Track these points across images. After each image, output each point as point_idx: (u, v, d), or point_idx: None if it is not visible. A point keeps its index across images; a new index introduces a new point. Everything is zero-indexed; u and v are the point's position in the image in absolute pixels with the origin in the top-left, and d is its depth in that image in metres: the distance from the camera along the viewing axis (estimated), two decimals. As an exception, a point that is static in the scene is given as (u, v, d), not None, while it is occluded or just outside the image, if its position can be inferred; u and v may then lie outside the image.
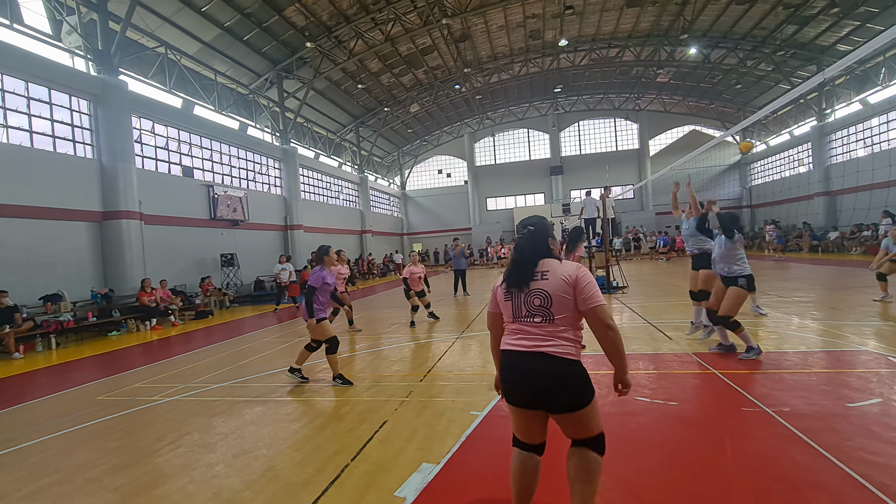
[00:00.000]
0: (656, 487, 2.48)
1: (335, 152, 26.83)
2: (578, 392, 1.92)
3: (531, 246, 2.09)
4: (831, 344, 5.16)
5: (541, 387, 1.92)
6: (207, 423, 4.00)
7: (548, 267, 2.02)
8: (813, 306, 7.62)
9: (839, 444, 2.77)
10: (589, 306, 1.93)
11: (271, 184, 19.85)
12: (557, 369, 1.90)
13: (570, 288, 1.94)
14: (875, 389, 3.63)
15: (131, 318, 10.75)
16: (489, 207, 35.89)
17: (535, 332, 1.97)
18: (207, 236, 15.39)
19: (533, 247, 2.09)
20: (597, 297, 1.93)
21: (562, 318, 1.94)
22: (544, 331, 1.95)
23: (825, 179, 23.02)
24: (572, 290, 1.94)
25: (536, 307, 1.97)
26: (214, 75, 16.51)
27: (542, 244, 2.09)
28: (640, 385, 4.15)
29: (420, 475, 2.79)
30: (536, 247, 2.09)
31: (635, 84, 29.38)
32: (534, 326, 1.97)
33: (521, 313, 2.01)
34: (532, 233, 2.11)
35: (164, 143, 14.39)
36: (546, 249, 2.09)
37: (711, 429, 3.16)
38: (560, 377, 1.90)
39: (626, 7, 20.13)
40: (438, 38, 20.37)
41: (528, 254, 2.07)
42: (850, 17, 18.09)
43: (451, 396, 4.23)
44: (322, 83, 21.16)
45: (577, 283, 1.95)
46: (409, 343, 6.95)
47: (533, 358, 1.94)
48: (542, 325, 1.96)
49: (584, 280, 1.96)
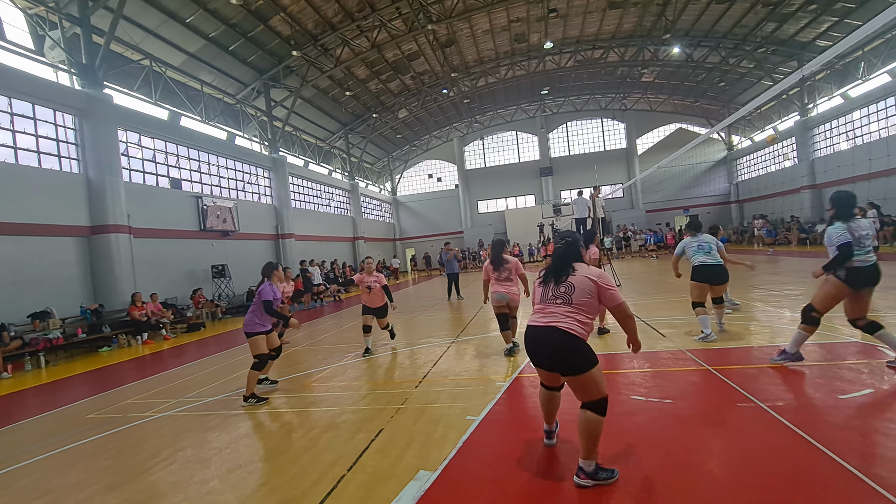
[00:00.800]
0: (653, 488, 2.48)
1: (325, 160, 26.77)
2: (577, 359, 2.54)
3: (567, 252, 2.80)
4: (823, 336, 5.22)
5: (549, 352, 2.63)
6: (201, 438, 3.94)
7: (578, 267, 2.74)
8: (804, 299, 7.67)
9: (833, 436, 2.79)
10: (613, 305, 2.66)
11: (261, 193, 19.74)
12: (562, 340, 2.56)
13: (594, 287, 2.64)
14: (866, 380, 3.68)
15: (122, 333, 10.60)
16: (480, 210, 35.98)
17: (554, 311, 2.66)
18: (198, 248, 15.25)
19: (568, 253, 2.79)
20: (617, 298, 2.65)
21: (578, 305, 2.63)
22: (562, 311, 2.64)
23: (810, 173, 23.38)
24: (596, 291, 2.64)
25: (561, 293, 2.68)
26: (201, 86, 16.42)
27: (575, 251, 2.81)
28: (636, 384, 4.17)
29: (417, 483, 2.76)
30: (571, 253, 2.79)
31: (621, 84, 29.69)
32: (555, 307, 2.67)
33: (547, 297, 2.74)
34: (568, 243, 2.83)
35: (151, 156, 14.26)
36: (578, 256, 2.81)
37: (707, 426, 3.18)
38: (563, 346, 2.56)
39: (609, 8, 20.37)
40: (424, 43, 20.44)
41: (565, 258, 2.79)
42: (827, 13, 18.43)
43: (447, 402, 4.21)
44: (309, 91, 21.13)
45: (601, 288, 2.65)
46: (403, 349, 6.92)
47: (546, 330, 2.63)
48: (561, 306, 2.65)
49: (606, 286, 2.65)
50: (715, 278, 5.65)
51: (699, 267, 5.69)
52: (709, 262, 5.67)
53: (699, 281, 5.67)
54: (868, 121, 20.31)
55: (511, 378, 4.76)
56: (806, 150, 23.74)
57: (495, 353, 6.01)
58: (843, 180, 20.71)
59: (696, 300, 5.63)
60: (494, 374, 4.98)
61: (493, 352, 6.08)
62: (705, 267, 5.66)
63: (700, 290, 5.65)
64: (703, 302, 5.62)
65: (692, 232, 6.05)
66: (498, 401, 4.09)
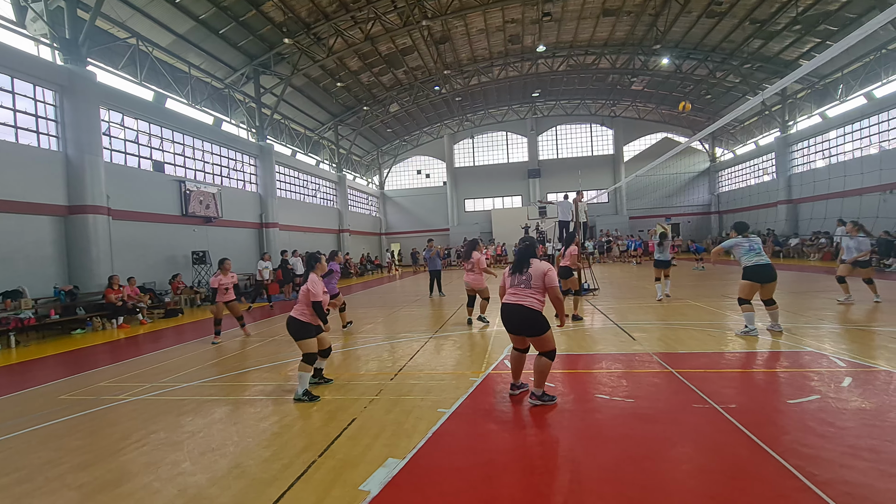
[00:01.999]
0: (611, 480, 2.63)
1: (313, 150, 26.56)
2: (538, 325, 3.77)
3: (528, 251, 4.02)
4: (779, 344, 5.48)
5: (518, 321, 3.85)
6: (175, 422, 3.98)
7: (533, 262, 3.93)
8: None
9: (777, 437, 2.99)
10: (550, 286, 3.84)
11: (246, 180, 19.53)
12: (528, 313, 3.78)
13: (542, 276, 3.83)
14: (814, 387, 3.91)
15: (97, 316, 10.45)
16: (467, 209, 36.14)
17: (519, 293, 3.87)
18: (178, 233, 15.05)
19: (527, 252, 4.01)
20: (554, 281, 3.86)
21: (534, 288, 3.83)
22: (524, 293, 3.85)
23: (787, 188, 24.13)
24: (542, 277, 3.83)
25: (522, 280, 3.89)
26: (188, 68, 16.15)
27: (533, 251, 4.05)
28: (602, 383, 4.34)
29: (385, 470, 2.87)
30: (528, 252, 4.01)
31: (611, 91, 30.10)
32: (519, 290, 3.88)
33: (514, 283, 3.94)
34: (527, 245, 4.07)
35: (134, 137, 14.01)
36: (533, 253, 4.03)
37: (664, 424, 3.35)
38: (528, 317, 3.79)
39: (603, 15, 20.65)
40: (419, 38, 20.43)
41: (526, 254, 4.00)
42: (811, 34, 19.03)
43: (420, 395, 4.32)
44: (300, 80, 20.94)
45: (546, 275, 3.84)
46: (382, 343, 7.01)
47: (516, 307, 3.85)
48: (523, 290, 3.87)
49: (550, 274, 3.85)
50: (767, 277, 5.90)
51: (754, 267, 5.88)
52: (762, 262, 5.92)
53: (752, 280, 5.86)
54: (843, 140, 21.04)
55: (484, 374, 4.90)
56: (784, 165, 24.48)
57: (471, 349, 6.15)
58: (818, 196, 21.44)
59: (744, 297, 5.94)
60: (468, 370, 5.11)
61: (468, 348, 6.22)
62: (760, 267, 5.89)
63: (751, 288, 5.92)
64: (750, 300, 5.95)
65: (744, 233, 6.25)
66: (469, 395, 4.22)
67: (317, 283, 4.55)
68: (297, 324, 4.51)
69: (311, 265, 4.78)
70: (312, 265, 4.77)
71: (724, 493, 2.42)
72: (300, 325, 4.49)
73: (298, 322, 4.50)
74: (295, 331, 4.51)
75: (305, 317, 4.50)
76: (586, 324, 7.52)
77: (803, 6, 17.30)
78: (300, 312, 4.51)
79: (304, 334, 4.46)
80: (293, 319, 4.52)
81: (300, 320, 4.49)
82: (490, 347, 6.18)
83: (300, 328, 4.48)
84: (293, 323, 4.53)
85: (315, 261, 4.80)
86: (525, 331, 3.83)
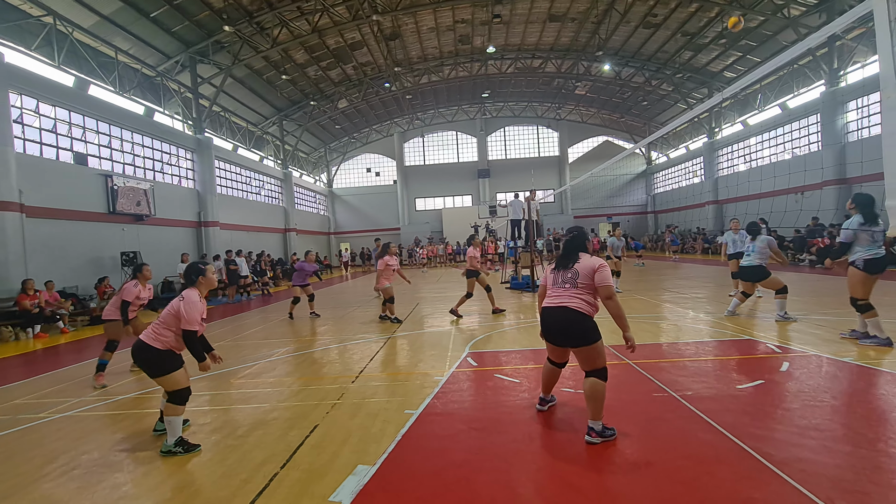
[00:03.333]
0: (581, 471, 2.65)
1: (256, 145, 25.30)
2: (588, 333, 3.00)
3: (574, 243, 3.27)
4: (721, 334, 5.86)
5: (561, 327, 3.08)
6: (110, 440, 3.58)
7: (582, 257, 3.19)
8: (706, 301, 8.60)
9: (733, 422, 3.16)
10: (601, 284, 3.05)
11: (183, 176, 18.22)
12: (573, 317, 3.02)
13: (592, 273, 3.07)
14: (758, 373, 4.19)
15: (8, 325, 9.29)
16: (418, 208, 35.98)
17: (562, 293, 3.12)
18: (105, 232, 13.74)
19: (575, 243, 3.27)
20: (607, 280, 3.06)
21: (582, 287, 3.08)
22: (568, 293, 3.11)
23: (714, 189, 26.11)
24: (593, 274, 3.06)
25: (568, 278, 3.14)
26: (115, 53, 14.77)
27: (581, 242, 3.29)
28: (565, 377, 4.41)
29: (355, 478, 2.73)
30: (577, 244, 3.27)
31: (556, 94, 31.15)
32: (563, 290, 3.14)
33: (557, 282, 3.20)
34: (574, 236, 3.32)
35: (51, 126, 12.61)
36: (583, 246, 3.28)
37: (629, 414, 3.45)
38: (573, 321, 3.02)
39: (549, 21, 21.28)
40: (368, 34, 20.03)
41: (572, 247, 3.26)
42: (734, 48, 20.72)
43: (385, 397, 4.18)
44: (242, 71, 19.86)
45: (598, 271, 3.07)
46: (338, 345, 6.75)
47: (559, 309, 3.09)
48: (568, 289, 3.12)
49: (602, 270, 3.07)
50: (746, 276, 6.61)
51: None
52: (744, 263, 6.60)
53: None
54: (762, 146, 23.10)
55: (449, 372, 4.83)
56: (712, 169, 26.48)
57: (432, 348, 6.06)
58: (741, 198, 23.36)
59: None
60: (432, 369, 5.02)
61: (429, 347, 6.13)
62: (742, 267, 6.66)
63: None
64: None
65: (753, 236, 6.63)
66: (436, 394, 4.14)
67: (194, 306, 3.31)
68: (150, 353, 3.25)
69: (190, 279, 3.46)
70: (193, 279, 3.46)
71: (692, 476, 2.50)
72: (156, 355, 3.25)
73: (152, 351, 3.25)
74: (148, 364, 3.27)
75: (164, 343, 3.28)
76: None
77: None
78: (155, 337, 3.29)
79: (163, 367, 3.25)
80: (143, 346, 3.28)
81: (154, 348, 3.25)
82: (451, 345, 6.13)
83: (157, 360, 3.25)
84: (143, 351, 3.27)
85: (197, 274, 3.46)
86: (569, 340, 3.05)
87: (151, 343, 3.27)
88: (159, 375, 3.26)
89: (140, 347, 3.30)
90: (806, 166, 18.17)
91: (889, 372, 3.98)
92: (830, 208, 17.17)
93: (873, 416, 3.16)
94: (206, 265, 3.57)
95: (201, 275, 3.46)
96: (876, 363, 4.25)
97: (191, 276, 3.47)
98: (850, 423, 3.06)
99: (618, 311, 3.05)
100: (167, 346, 3.29)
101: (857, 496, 2.22)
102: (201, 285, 3.48)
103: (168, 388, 3.27)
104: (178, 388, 3.27)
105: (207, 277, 3.50)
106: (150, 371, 3.29)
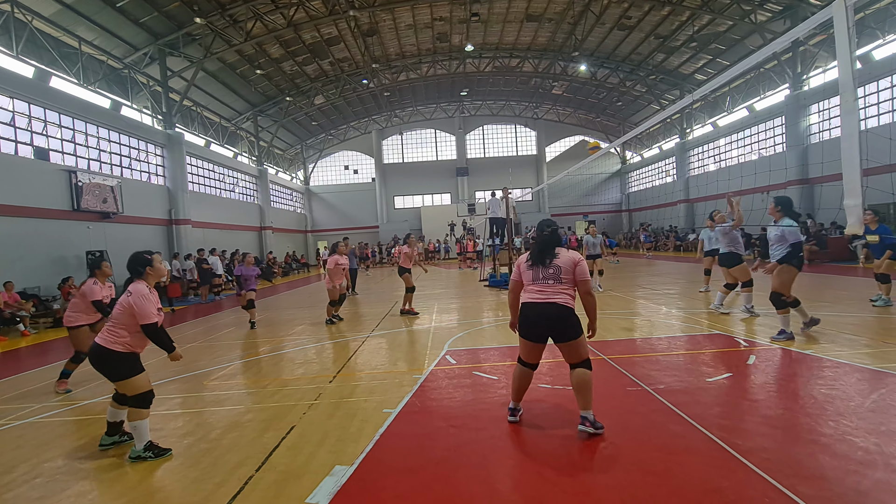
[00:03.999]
0: (558, 466, 2.70)
1: (230, 141, 24.69)
2: (574, 327, 3.06)
3: (553, 238, 3.22)
4: (692, 329, 6.05)
5: (551, 323, 3.07)
6: (75, 447, 3.44)
7: (560, 251, 3.18)
8: (678, 297, 8.85)
9: (703, 413, 3.26)
10: (581, 279, 3.12)
11: (152, 172, 17.64)
12: (563, 312, 3.05)
13: (573, 267, 3.10)
14: (726, 366, 4.34)
15: (-39, 329, 8.82)
16: (397, 206, 35.80)
17: (547, 290, 3.11)
18: (69, 230, 13.18)
19: (553, 239, 3.21)
20: (586, 273, 3.14)
21: (566, 282, 3.10)
22: (555, 289, 3.10)
23: (686, 189, 26.86)
24: (574, 268, 3.10)
25: (551, 274, 3.12)
26: (79, 43, 14.15)
27: (558, 238, 3.25)
28: (542, 373, 4.47)
29: (333, 479, 2.70)
30: (555, 239, 3.22)
31: (534, 94, 31.46)
32: (547, 287, 3.12)
33: (538, 278, 3.16)
34: (552, 230, 3.25)
35: (9, 119, 12.00)
36: (560, 241, 3.26)
37: (605, 409, 3.50)
38: (563, 316, 3.05)
39: (526, 21, 21.46)
40: (345, 29, 19.79)
41: (551, 243, 3.20)
42: (704, 52, 21.33)
43: (363, 396, 4.15)
44: (214, 64, 19.34)
45: (577, 266, 3.11)
46: (315, 345, 6.67)
47: (547, 305, 3.08)
48: (554, 285, 3.10)
49: (582, 264, 3.14)
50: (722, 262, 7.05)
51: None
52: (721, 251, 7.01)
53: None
54: (731, 147, 23.88)
55: (428, 370, 4.83)
56: (683, 168, 27.22)
57: (410, 346, 6.05)
58: (710, 197, 24.06)
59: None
60: (410, 367, 5.01)
61: (407, 345, 6.12)
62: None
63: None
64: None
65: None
66: (415, 393, 4.13)
67: (145, 298, 3.15)
68: (111, 357, 3.10)
69: (136, 271, 3.29)
70: (140, 271, 3.28)
71: (664, 468, 2.57)
72: (116, 358, 3.10)
73: (113, 354, 3.09)
74: (109, 368, 3.11)
75: (123, 344, 3.13)
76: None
77: (698, 26, 19.32)
78: (113, 340, 3.13)
79: (124, 371, 3.11)
80: (101, 350, 3.11)
81: (115, 351, 3.10)
82: (430, 343, 6.13)
83: (117, 364, 3.10)
84: (102, 355, 3.11)
85: (144, 264, 3.29)
86: (558, 335, 3.07)
87: (111, 346, 3.11)
88: (121, 380, 3.12)
89: (98, 352, 3.13)
90: (771, 167, 18.85)
91: (847, 363, 4.18)
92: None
93: (831, 405, 3.31)
94: (153, 254, 3.39)
95: (148, 265, 3.29)
96: (835, 355, 4.46)
97: (137, 268, 3.28)
98: (811, 412, 3.20)
99: (594, 305, 3.19)
100: (127, 347, 3.15)
101: (818, 482, 2.33)
102: (149, 276, 3.31)
103: (131, 393, 3.12)
104: (141, 391, 3.13)
105: (155, 268, 3.34)
106: (111, 375, 3.14)
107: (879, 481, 2.30)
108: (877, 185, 7.95)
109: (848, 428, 2.91)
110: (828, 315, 6.02)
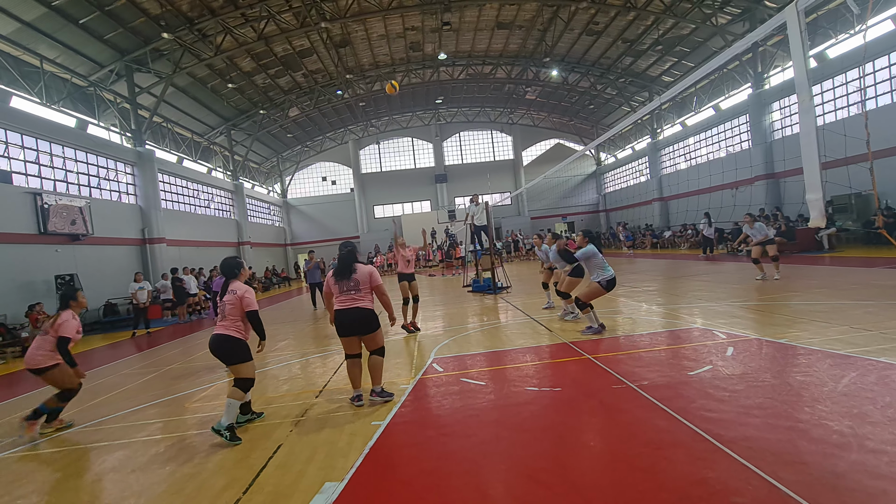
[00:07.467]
0: (550, 468, 2.72)
1: (203, 157, 24.25)
2: (372, 323, 4.11)
3: (350, 257, 4.21)
4: (672, 324, 6.18)
5: (356, 323, 4.09)
6: (50, 480, 3.31)
7: (356, 267, 4.17)
8: (657, 294, 9.04)
9: (686, 407, 3.34)
10: (375, 285, 4.21)
11: (123, 191, 17.18)
12: (365, 313, 4.09)
13: (368, 277, 4.16)
14: (706, 359, 4.45)
15: (-78, 364, 8.38)
16: (377, 215, 35.66)
17: (352, 298, 4.11)
18: (36, 254, 12.71)
19: (350, 258, 4.20)
20: (378, 279, 4.24)
21: (363, 290, 4.14)
22: (355, 297, 4.11)
23: (659, 187, 27.53)
24: (369, 279, 4.17)
25: (351, 286, 4.12)
26: (40, 62, 13.75)
27: (354, 256, 4.24)
28: (529, 376, 4.51)
29: (323, 496, 2.66)
30: (352, 258, 4.20)
31: (508, 99, 31.87)
32: (350, 296, 4.11)
33: (343, 290, 4.13)
34: (349, 251, 4.27)
35: (-34, 142, 11.55)
36: (356, 258, 4.24)
37: (591, 407, 3.57)
38: (365, 316, 4.09)
39: (497, 28, 21.77)
40: (318, 41, 19.73)
41: (349, 260, 4.18)
42: (670, 54, 22.02)
43: (351, 409, 4.11)
44: (184, 79, 19.02)
45: (371, 276, 4.19)
46: (298, 360, 6.57)
47: (352, 310, 4.09)
48: (354, 294, 4.11)
49: (374, 274, 4.23)
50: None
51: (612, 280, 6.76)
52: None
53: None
54: (700, 146, 24.62)
55: (415, 379, 4.81)
56: (656, 167, 27.92)
57: (397, 356, 6.02)
58: (683, 194, 24.75)
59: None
60: (397, 378, 4.98)
61: (394, 356, 6.08)
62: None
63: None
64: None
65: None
66: (403, 403, 4.11)
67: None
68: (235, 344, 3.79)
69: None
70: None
71: (650, 463, 2.62)
72: (240, 345, 3.80)
73: (237, 342, 3.80)
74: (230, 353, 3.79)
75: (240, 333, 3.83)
76: (505, 320, 7.80)
77: (663, 30, 19.95)
78: (234, 329, 3.82)
79: (242, 355, 3.80)
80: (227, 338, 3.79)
81: (237, 338, 3.80)
82: (416, 352, 6.11)
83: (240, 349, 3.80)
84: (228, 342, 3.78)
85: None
86: (362, 330, 4.07)
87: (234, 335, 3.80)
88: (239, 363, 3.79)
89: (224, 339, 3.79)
90: (738, 164, 19.50)
91: (819, 350, 4.34)
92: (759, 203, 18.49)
93: (806, 391, 3.43)
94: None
95: (242, 268, 4.10)
96: (808, 343, 4.62)
97: (233, 270, 4.04)
98: (788, 399, 3.31)
99: (388, 301, 4.25)
100: (243, 335, 3.87)
101: (798, 467, 2.41)
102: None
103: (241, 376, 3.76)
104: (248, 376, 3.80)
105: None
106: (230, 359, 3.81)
107: (855, 462, 2.40)
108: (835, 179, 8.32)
109: (823, 413, 3.02)
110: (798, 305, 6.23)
